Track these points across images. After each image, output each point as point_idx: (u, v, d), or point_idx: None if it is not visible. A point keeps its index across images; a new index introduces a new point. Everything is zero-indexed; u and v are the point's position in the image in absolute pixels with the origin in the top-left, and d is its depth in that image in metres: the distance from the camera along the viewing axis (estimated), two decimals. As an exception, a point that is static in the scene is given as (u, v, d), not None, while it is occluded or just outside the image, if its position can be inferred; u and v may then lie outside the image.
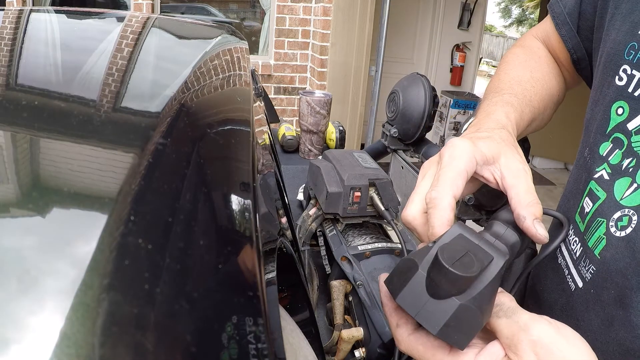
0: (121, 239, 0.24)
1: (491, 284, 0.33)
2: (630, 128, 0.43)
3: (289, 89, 3.52)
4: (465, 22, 4.36)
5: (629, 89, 0.44)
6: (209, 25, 1.07)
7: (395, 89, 1.00)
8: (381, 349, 0.64)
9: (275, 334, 0.25)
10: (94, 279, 0.21)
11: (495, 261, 0.33)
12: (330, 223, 0.82)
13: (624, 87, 0.44)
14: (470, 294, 0.31)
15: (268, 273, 0.28)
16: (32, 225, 0.25)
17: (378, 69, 3.03)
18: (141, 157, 0.33)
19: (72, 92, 0.45)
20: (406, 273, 0.33)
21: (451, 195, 0.37)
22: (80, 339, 0.19)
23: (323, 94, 1.35)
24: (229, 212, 0.32)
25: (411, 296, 0.32)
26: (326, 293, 0.79)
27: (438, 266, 0.31)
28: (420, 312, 0.32)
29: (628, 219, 0.42)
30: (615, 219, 0.43)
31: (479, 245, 0.34)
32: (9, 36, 0.62)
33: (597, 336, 0.45)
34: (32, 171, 0.30)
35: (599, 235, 0.45)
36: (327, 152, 0.86)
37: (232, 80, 0.59)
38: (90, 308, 0.20)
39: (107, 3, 3.48)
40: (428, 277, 0.32)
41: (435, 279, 0.31)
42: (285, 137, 1.42)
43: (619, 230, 0.43)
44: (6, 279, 0.21)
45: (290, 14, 3.35)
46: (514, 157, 0.41)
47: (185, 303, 0.22)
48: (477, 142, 0.41)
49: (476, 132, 0.44)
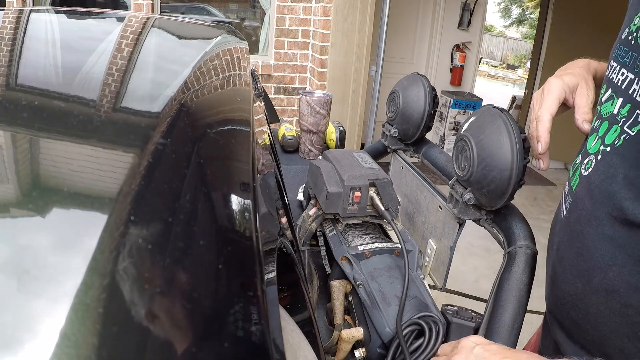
0: (121, 239, 0.24)
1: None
2: (603, 100, 0.59)
3: (289, 89, 3.52)
4: (465, 22, 4.36)
5: (609, 76, 0.59)
6: (209, 25, 1.07)
7: (395, 89, 1.00)
8: (381, 349, 0.64)
9: (275, 334, 0.25)
10: (94, 279, 0.21)
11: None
12: (330, 223, 0.82)
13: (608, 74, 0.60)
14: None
15: (268, 273, 0.28)
16: (32, 225, 0.25)
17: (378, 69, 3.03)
18: (141, 157, 0.33)
19: (72, 92, 0.45)
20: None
21: (549, 113, 0.64)
22: (80, 339, 0.19)
23: (323, 94, 1.35)
24: (229, 212, 0.32)
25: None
26: (326, 293, 0.79)
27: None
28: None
29: (590, 162, 0.57)
30: (585, 162, 0.59)
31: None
32: (9, 36, 0.62)
33: (566, 247, 0.60)
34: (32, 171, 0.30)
35: (576, 176, 0.61)
36: (327, 152, 0.86)
37: (232, 80, 0.59)
38: (90, 308, 0.20)
39: (107, 3, 3.48)
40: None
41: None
42: (285, 137, 1.42)
43: (585, 170, 0.58)
44: (6, 279, 0.21)
45: (290, 14, 3.35)
46: (584, 86, 0.65)
47: (186, 303, 0.22)
48: (563, 77, 0.66)
49: (565, 70, 0.69)
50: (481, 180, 0.67)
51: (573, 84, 0.65)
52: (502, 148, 0.64)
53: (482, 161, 0.66)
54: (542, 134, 0.63)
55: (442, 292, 0.96)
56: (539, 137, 0.64)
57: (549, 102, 0.64)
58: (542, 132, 0.64)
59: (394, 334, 0.62)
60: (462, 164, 0.71)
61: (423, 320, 0.63)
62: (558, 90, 0.65)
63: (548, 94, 0.65)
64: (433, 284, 0.86)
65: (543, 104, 0.65)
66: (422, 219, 0.90)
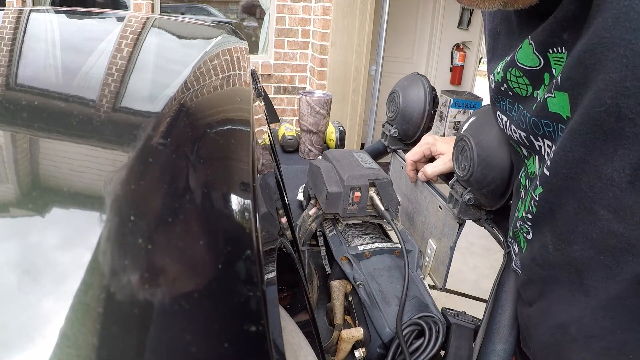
0: (121, 239, 0.24)
1: None
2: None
3: (289, 89, 3.52)
4: (465, 22, 4.36)
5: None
6: (209, 25, 1.07)
7: (395, 89, 1.00)
8: (381, 349, 0.64)
9: (275, 334, 0.25)
10: (94, 278, 0.21)
11: None
12: (330, 223, 0.82)
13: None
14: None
15: (268, 273, 0.28)
16: (32, 225, 0.25)
17: (378, 69, 3.03)
18: (141, 157, 0.33)
19: (72, 92, 0.45)
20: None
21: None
22: (80, 339, 0.19)
23: (323, 94, 1.34)
24: (229, 212, 0.32)
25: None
26: (326, 293, 0.79)
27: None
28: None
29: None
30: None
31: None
32: (9, 36, 0.62)
33: (535, 308, 0.56)
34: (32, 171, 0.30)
35: (520, 238, 0.57)
36: (327, 152, 0.86)
37: (232, 80, 0.59)
38: (90, 308, 0.20)
39: (107, 3, 3.48)
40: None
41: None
42: (285, 137, 1.41)
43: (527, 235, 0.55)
44: (6, 279, 0.21)
45: (290, 14, 3.35)
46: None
47: (185, 303, 0.22)
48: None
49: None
50: (481, 181, 0.67)
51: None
52: (503, 148, 0.64)
53: (482, 161, 0.66)
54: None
55: (442, 292, 0.96)
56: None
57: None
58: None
59: (394, 334, 0.62)
60: (462, 164, 0.70)
61: (423, 320, 0.63)
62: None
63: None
64: (433, 284, 0.86)
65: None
66: (422, 219, 0.90)
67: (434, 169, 0.85)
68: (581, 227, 0.44)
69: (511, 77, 0.48)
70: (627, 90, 0.34)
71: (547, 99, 0.43)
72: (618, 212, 0.39)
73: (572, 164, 0.41)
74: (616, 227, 0.40)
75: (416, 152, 0.88)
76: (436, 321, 0.63)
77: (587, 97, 0.38)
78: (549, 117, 0.44)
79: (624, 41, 0.33)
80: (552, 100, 0.42)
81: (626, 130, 0.36)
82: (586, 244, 0.44)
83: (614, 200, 0.39)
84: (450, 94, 4.25)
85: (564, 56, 0.41)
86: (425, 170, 0.86)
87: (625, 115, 0.35)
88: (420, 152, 0.88)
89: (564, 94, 0.41)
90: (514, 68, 0.47)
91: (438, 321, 0.63)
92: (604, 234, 0.42)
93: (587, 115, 0.38)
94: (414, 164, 0.90)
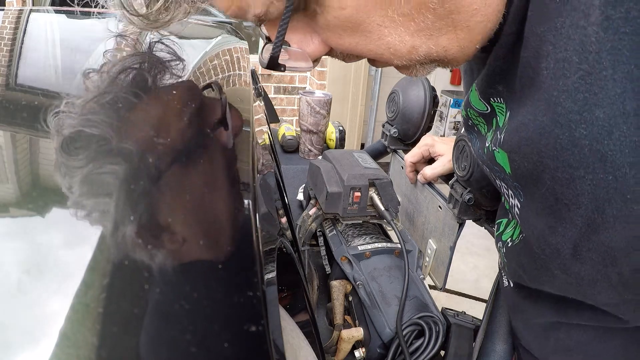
0: (121, 239, 0.24)
1: None
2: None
3: (289, 89, 3.52)
4: (465, 22, 4.35)
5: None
6: (209, 25, 1.07)
7: (395, 89, 1.00)
8: (381, 349, 0.64)
9: (275, 334, 0.25)
10: (94, 278, 0.21)
11: None
12: (330, 223, 0.82)
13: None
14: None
15: (268, 273, 0.28)
16: (32, 225, 0.25)
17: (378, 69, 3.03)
18: (141, 157, 0.33)
19: (72, 92, 0.45)
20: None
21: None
22: (80, 339, 0.19)
23: (323, 94, 1.34)
24: (228, 212, 0.32)
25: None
26: (326, 293, 0.79)
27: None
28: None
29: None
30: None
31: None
32: (9, 36, 0.62)
33: (517, 320, 0.60)
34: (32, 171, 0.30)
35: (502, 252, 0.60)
36: (327, 152, 0.86)
37: (232, 80, 0.59)
38: (90, 308, 0.20)
39: (107, 3, 3.47)
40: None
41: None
42: (285, 137, 1.41)
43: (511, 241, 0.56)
44: (6, 279, 0.21)
45: (290, 14, 3.34)
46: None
47: (185, 303, 0.22)
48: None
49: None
50: (481, 180, 0.67)
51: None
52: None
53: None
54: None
55: (442, 292, 0.96)
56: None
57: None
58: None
59: (394, 334, 0.62)
60: (462, 164, 0.71)
61: (423, 320, 0.63)
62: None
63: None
64: (433, 284, 0.86)
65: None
66: (422, 219, 0.90)
67: (433, 171, 0.84)
68: (544, 277, 0.47)
69: (472, 114, 0.49)
70: (560, 180, 0.35)
71: (493, 151, 0.44)
72: (569, 275, 0.42)
73: (528, 225, 0.43)
74: (570, 287, 0.44)
75: (415, 153, 0.88)
76: (436, 321, 0.63)
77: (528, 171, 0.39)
78: (498, 166, 0.44)
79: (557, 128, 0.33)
80: (497, 154, 0.43)
81: (563, 212, 0.37)
82: (552, 288, 0.48)
83: (563, 266, 0.41)
84: (450, 94, 4.24)
85: (503, 106, 0.41)
86: (425, 172, 0.86)
87: (561, 200, 0.36)
88: (420, 154, 0.88)
89: (505, 153, 0.41)
90: (470, 109, 0.48)
91: (438, 321, 0.63)
92: (563, 287, 0.46)
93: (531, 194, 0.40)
94: (414, 165, 0.90)
